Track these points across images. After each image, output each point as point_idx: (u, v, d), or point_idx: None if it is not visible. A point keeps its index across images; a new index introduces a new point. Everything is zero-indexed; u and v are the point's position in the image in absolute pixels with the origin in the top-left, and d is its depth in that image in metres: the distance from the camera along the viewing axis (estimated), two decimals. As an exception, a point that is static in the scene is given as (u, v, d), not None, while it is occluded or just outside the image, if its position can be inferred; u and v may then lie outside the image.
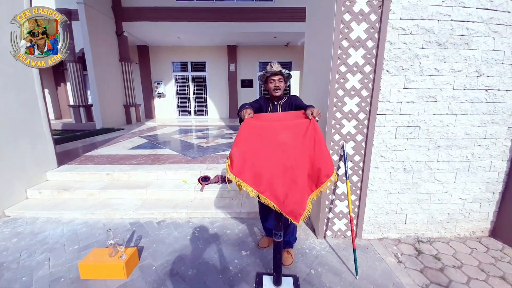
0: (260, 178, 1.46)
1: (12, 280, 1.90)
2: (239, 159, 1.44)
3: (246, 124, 1.51)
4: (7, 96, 2.97)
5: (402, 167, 2.25)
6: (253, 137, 1.49)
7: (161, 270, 1.95)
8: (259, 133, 1.50)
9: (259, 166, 1.46)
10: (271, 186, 1.45)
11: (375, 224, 2.37)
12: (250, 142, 1.48)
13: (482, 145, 2.26)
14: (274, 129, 1.52)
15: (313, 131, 1.49)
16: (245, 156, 1.45)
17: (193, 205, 2.92)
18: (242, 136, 1.48)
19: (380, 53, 1.97)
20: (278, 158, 1.47)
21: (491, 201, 2.43)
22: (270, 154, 1.48)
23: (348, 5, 1.90)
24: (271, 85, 1.87)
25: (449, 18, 1.99)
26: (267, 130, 1.52)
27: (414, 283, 1.84)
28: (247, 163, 1.45)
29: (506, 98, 2.20)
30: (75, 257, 2.13)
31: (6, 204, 2.96)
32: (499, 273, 2.00)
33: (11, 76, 3.02)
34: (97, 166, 3.71)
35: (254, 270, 1.94)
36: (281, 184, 1.46)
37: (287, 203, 1.43)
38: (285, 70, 1.85)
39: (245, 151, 1.46)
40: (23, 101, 3.18)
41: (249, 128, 1.50)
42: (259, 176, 1.46)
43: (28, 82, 3.25)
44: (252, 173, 1.45)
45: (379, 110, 2.11)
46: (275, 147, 1.48)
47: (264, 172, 1.46)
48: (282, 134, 1.50)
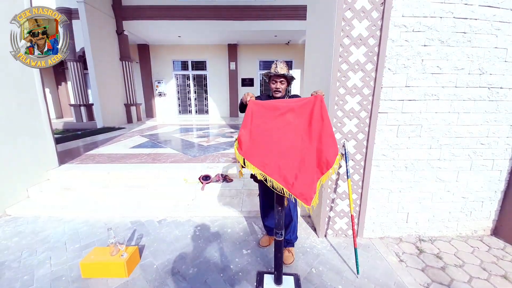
0: (268, 160, 1.43)
1: (13, 279, 1.91)
2: (246, 140, 1.43)
3: (251, 105, 1.49)
4: (8, 95, 2.97)
5: (404, 166, 2.24)
6: (259, 118, 1.47)
7: (162, 268, 1.95)
8: (265, 114, 1.48)
9: (267, 148, 1.44)
10: (280, 168, 1.43)
11: (376, 223, 2.36)
12: (257, 123, 1.46)
13: (484, 143, 2.24)
14: (280, 110, 1.49)
15: (320, 108, 1.48)
16: (252, 137, 1.44)
17: (194, 204, 2.92)
18: (248, 118, 1.46)
19: (382, 51, 1.96)
20: (286, 139, 1.46)
21: (493, 199, 2.41)
22: (277, 135, 1.46)
23: (349, 2, 1.88)
24: (273, 86, 1.88)
25: (452, 15, 1.96)
26: (273, 110, 1.49)
27: (415, 282, 1.83)
28: (255, 144, 1.44)
29: (509, 96, 2.18)
30: (76, 256, 2.13)
31: (7, 203, 2.96)
32: (501, 272, 1.99)
33: (12, 75, 3.01)
34: (98, 165, 3.71)
35: (255, 269, 1.94)
36: (290, 165, 1.43)
37: (296, 186, 1.40)
38: (289, 73, 1.83)
39: (252, 132, 1.44)
40: (24, 100, 3.18)
41: (255, 109, 1.48)
42: (267, 157, 1.43)
43: (28, 81, 3.25)
44: (259, 154, 1.43)
45: (381, 108, 2.09)
46: (283, 127, 1.46)
47: (272, 153, 1.44)
48: (289, 114, 1.48)
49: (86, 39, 7.47)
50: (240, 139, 1.45)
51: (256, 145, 1.44)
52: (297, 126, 1.48)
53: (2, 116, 2.91)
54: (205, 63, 10.96)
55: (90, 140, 5.86)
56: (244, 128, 1.46)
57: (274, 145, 1.45)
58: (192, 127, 8.40)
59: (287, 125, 1.48)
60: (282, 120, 1.49)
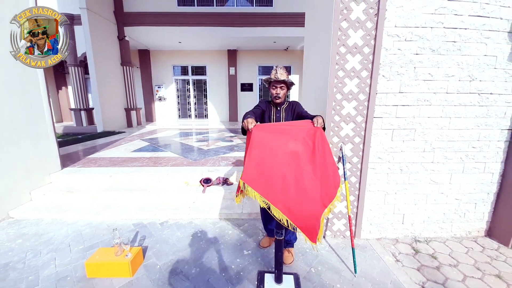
0: (271, 188, 1.44)
1: (18, 279, 1.94)
2: (250, 167, 1.45)
3: (255, 133, 1.50)
4: (12, 98, 3.02)
5: (399, 168, 2.32)
6: (263, 146, 1.48)
7: (165, 269, 2.00)
8: (268, 142, 1.50)
9: (269, 176, 1.44)
10: (284, 198, 1.43)
11: (373, 224, 2.43)
12: (260, 151, 1.47)
13: (476, 147, 2.33)
14: (283, 139, 1.52)
15: (321, 141, 1.51)
16: (256, 164, 1.45)
17: (195, 206, 2.97)
18: (252, 146, 1.48)
19: (376, 59, 2.06)
20: (289, 168, 1.47)
21: (486, 201, 2.49)
22: (281, 163, 1.46)
23: (345, 13, 1.99)
24: (273, 91, 1.92)
25: (442, 26, 2.08)
26: (276, 139, 1.51)
27: (411, 281, 1.90)
28: (259, 172, 1.44)
29: (499, 101, 2.28)
30: (80, 257, 2.17)
31: (10, 206, 3.00)
32: (495, 271, 2.05)
33: (16, 78, 3.06)
34: (100, 169, 3.76)
35: (255, 269, 1.99)
36: (293, 197, 1.43)
37: (301, 220, 1.42)
38: (288, 79, 1.87)
39: (256, 160, 1.45)
40: (28, 103, 3.24)
41: (258, 137, 1.49)
42: (269, 186, 1.44)
43: (33, 84, 3.30)
44: (262, 182, 1.44)
45: (376, 113, 2.19)
46: (285, 157, 1.47)
47: (274, 182, 1.44)
48: (292, 143, 1.50)
49: (88, 44, 7.59)
50: (246, 168, 1.47)
51: (260, 173, 1.45)
52: (301, 157, 1.49)
53: (7, 119, 2.96)
54: (205, 68, 11.10)
55: (91, 144, 5.91)
56: (248, 155, 1.47)
57: (277, 174, 1.45)
58: (191, 131, 8.48)
59: (291, 156, 1.49)
60: (285, 149, 1.49)
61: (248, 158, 1.47)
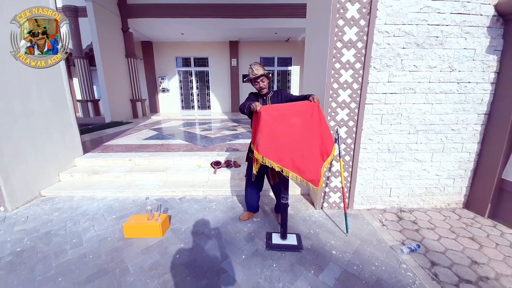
0: (283, 155, 1.83)
1: (62, 242, 2.31)
2: (264, 142, 1.81)
3: (264, 115, 1.82)
4: (40, 90, 3.34)
5: (387, 148, 2.67)
6: (271, 124, 1.83)
7: (189, 231, 2.39)
8: (275, 120, 1.84)
9: (280, 146, 1.82)
10: (293, 161, 1.84)
11: (364, 196, 2.81)
12: (270, 128, 1.82)
13: (454, 129, 2.68)
14: (287, 116, 1.88)
15: (317, 112, 1.90)
16: (268, 139, 1.81)
17: (208, 185, 3.35)
18: (262, 124, 1.81)
19: (368, 52, 2.37)
20: (294, 138, 1.85)
21: (464, 177, 2.85)
22: (287, 135, 1.84)
23: (341, 12, 2.29)
24: (257, 86, 2.18)
25: (426, 23, 2.38)
26: (281, 117, 1.86)
27: (393, 239, 2.29)
28: (271, 144, 1.81)
29: (476, 89, 2.60)
30: (115, 224, 2.57)
31: (42, 186, 3.38)
32: (469, 235, 2.38)
33: (44, 71, 3.33)
34: (119, 154, 4.13)
35: (264, 231, 2.39)
36: (300, 158, 1.85)
37: (307, 174, 1.86)
38: (265, 71, 2.12)
39: (268, 135, 1.81)
40: (54, 95, 3.56)
41: (267, 117, 1.83)
42: (282, 154, 1.83)
43: (56, 76, 3.60)
44: (275, 152, 1.82)
45: (368, 100, 2.52)
46: (290, 129, 1.85)
47: (285, 150, 1.83)
48: (294, 118, 1.87)
49: (94, 36, 7.78)
50: (258, 142, 1.82)
51: (272, 145, 1.82)
52: (302, 127, 1.88)
53: (38, 109, 3.30)
54: (207, 59, 11.29)
55: (102, 133, 6.25)
56: (260, 132, 1.81)
57: (286, 143, 1.84)
58: (195, 121, 8.80)
59: (294, 127, 1.86)
60: (289, 123, 1.86)
61: (261, 135, 1.81)
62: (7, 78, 2.85)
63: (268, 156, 1.81)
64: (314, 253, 2.06)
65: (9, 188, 2.91)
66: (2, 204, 2.90)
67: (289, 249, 2.08)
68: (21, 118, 3.06)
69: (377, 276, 1.82)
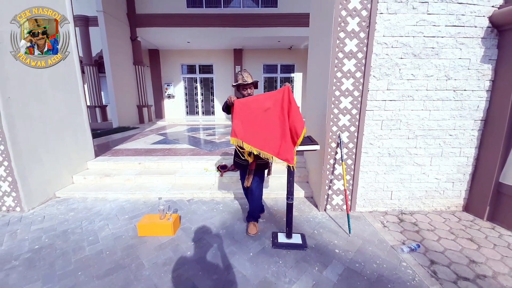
0: (258, 139, 1.99)
1: (79, 240, 2.45)
2: (240, 128, 1.98)
3: (237, 103, 2.01)
4: (56, 95, 3.51)
5: (387, 153, 2.80)
6: (245, 111, 2.00)
7: (198, 230, 2.52)
8: (249, 106, 2.02)
9: (256, 131, 1.98)
10: (267, 143, 2.00)
11: (366, 199, 2.92)
12: (245, 115, 1.99)
13: (452, 134, 2.79)
14: (259, 101, 2.04)
15: (287, 96, 1.99)
16: (244, 125, 1.98)
17: (214, 187, 3.48)
18: (238, 112, 1.99)
19: (368, 62, 2.53)
20: (266, 121, 2.01)
21: (463, 181, 2.95)
22: (261, 120, 2.00)
23: (342, 26, 2.46)
24: (245, 92, 2.31)
25: (422, 35, 2.53)
26: (254, 103, 2.04)
27: (394, 239, 2.39)
28: (247, 129, 1.97)
29: (472, 97, 2.72)
30: (128, 223, 2.70)
31: (56, 188, 3.53)
32: (468, 236, 2.46)
33: (60, 77, 3.54)
34: (129, 157, 4.29)
35: (270, 230, 2.50)
36: (274, 140, 2.00)
37: (281, 153, 2.01)
38: (253, 80, 2.31)
39: (243, 122, 1.98)
40: (69, 99, 3.74)
41: (241, 105, 2.00)
42: (256, 137, 1.99)
43: (72, 82, 3.78)
44: (252, 136, 1.98)
45: (368, 107, 2.66)
46: (263, 113, 2.00)
47: (260, 134, 1.99)
48: (266, 102, 2.02)
49: (104, 45, 8.10)
50: (235, 129, 2.00)
51: (248, 130, 1.99)
52: (274, 111, 2.02)
53: (54, 114, 3.47)
54: (212, 66, 11.58)
55: (111, 138, 6.45)
56: (236, 119, 1.99)
57: (260, 128, 2.00)
58: (200, 127, 9.00)
59: (266, 111, 2.01)
60: (262, 109, 2.01)
61: (237, 121, 1.98)
62: (24, 83, 2.98)
63: (246, 141, 1.97)
64: (318, 252, 2.17)
65: (26, 189, 3.07)
66: (19, 204, 3.05)
67: (294, 248, 2.19)
68: (38, 122, 3.23)
69: (378, 273, 1.92)
